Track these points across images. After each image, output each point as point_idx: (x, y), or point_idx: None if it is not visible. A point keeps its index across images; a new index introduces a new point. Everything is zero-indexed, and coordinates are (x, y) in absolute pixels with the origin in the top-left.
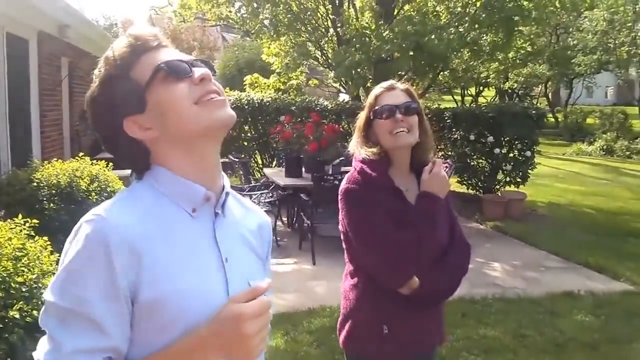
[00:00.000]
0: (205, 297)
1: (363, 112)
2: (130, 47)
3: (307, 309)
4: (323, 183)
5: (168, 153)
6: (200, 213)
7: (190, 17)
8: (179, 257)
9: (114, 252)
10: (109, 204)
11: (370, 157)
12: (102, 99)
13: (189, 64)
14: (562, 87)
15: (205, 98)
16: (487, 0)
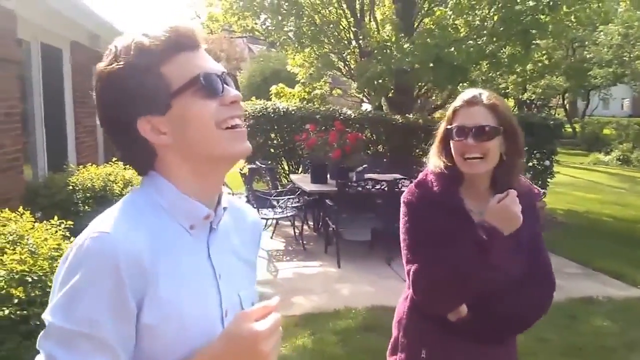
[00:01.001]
0: (203, 317)
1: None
2: (169, 41)
3: (333, 310)
4: (347, 189)
5: (176, 165)
6: (198, 230)
7: (218, 29)
8: (178, 277)
9: (124, 270)
10: (111, 217)
11: (437, 171)
12: (122, 87)
13: (222, 79)
14: (579, 99)
15: (229, 123)
16: (504, 14)
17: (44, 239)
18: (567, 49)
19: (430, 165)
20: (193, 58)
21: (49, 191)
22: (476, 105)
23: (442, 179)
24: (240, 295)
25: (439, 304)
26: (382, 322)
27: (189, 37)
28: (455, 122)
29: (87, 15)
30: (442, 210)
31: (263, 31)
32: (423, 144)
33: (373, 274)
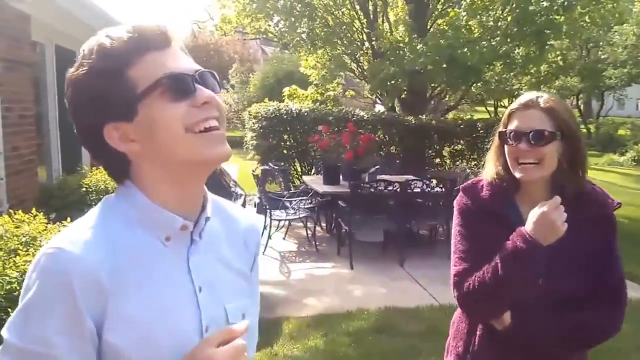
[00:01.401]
0: (175, 334)
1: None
2: (133, 42)
3: (345, 311)
4: (359, 190)
5: (148, 174)
6: (175, 241)
7: (231, 31)
8: (147, 293)
9: (78, 288)
10: (72, 231)
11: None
12: (87, 93)
13: (194, 79)
14: (594, 99)
15: (202, 126)
16: (518, 14)
17: None
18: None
19: (484, 172)
20: (160, 58)
21: (62, 192)
22: (532, 108)
23: (493, 185)
24: (227, 309)
25: (476, 310)
26: (394, 324)
27: (155, 35)
28: (510, 126)
29: (100, 17)
30: (490, 216)
31: (276, 33)
32: (436, 145)
33: (385, 275)
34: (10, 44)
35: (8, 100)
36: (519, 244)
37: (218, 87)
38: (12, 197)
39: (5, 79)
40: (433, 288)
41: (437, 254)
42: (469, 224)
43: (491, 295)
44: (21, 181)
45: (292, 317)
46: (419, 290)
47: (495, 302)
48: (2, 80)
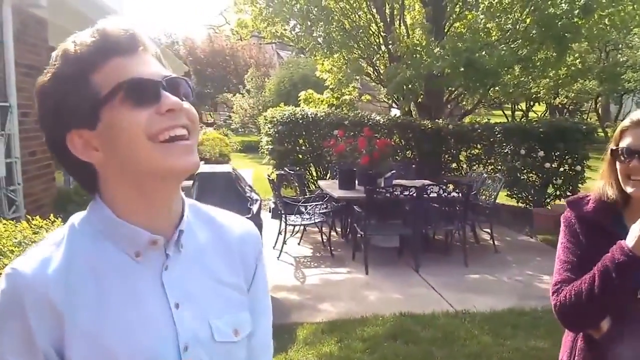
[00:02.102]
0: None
1: (610, 143)
2: (95, 46)
3: (360, 317)
4: (375, 195)
5: (114, 185)
6: (147, 256)
7: (247, 35)
8: (114, 312)
9: (30, 311)
10: (33, 251)
11: (596, 194)
12: (50, 99)
13: (161, 85)
14: (612, 103)
15: (166, 135)
16: (538, 17)
17: None
18: (600, 52)
19: (594, 187)
20: (124, 63)
21: (79, 197)
22: None
23: (601, 200)
24: (212, 325)
25: (571, 319)
26: (409, 330)
27: (122, 40)
28: (622, 143)
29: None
30: (595, 230)
31: (292, 37)
32: (452, 150)
33: (401, 281)
34: (27, 49)
35: (25, 105)
36: (617, 255)
37: (191, 94)
38: (29, 202)
39: (22, 85)
40: (449, 294)
41: (453, 260)
42: (573, 237)
43: (586, 305)
44: (38, 186)
45: (307, 323)
46: (435, 296)
47: (590, 311)
48: (19, 86)
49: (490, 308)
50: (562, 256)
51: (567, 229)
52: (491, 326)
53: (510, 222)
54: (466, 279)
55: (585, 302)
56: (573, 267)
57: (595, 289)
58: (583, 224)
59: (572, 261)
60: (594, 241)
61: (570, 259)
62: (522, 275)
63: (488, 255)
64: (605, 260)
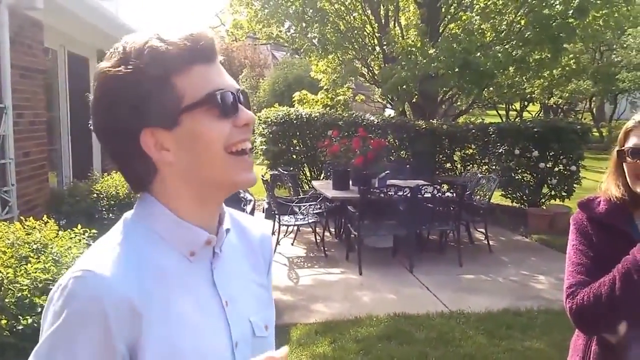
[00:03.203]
0: (209, 352)
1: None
2: (186, 50)
3: (354, 317)
4: (369, 196)
5: (175, 186)
6: (199, 255)
7: (242, 36)
8: (179, 310)
9: (111, 315)
10: (98, 253)
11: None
12: (131, 94)
13: (237, 98)
14: (607, 103)
15: (239, 147)
16: (533, 18)
17: (67, 247)
18: (595, 52)
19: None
20: (209, 71)
21: (73, 199)
22: None
23: (611, 201)
24: (252, 321)
25: (589, 322)
26: (404, 331)
27: (208, 47)
28: (628, 144)
29: (112, 23)
30: (607, 231)
31: (287, 38)
32: (446, 150)
33: (395, 282)
34: (23, 51)
35: (20, 106)
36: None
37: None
38: (23, 203)
39: (17, 86)
40: (443, 294)
41: (448, 260)
42: (585, 238)
43: (606, 307)
44: (32, 187)
45: (300, 324)
46: (429, 297)
47: (610, 314)
48: (14, 87)
49: (485, 308)
50: (574, 258)
51: (578, 231)
52: (486, 327)
53: (504, 222)
54: (461, 279)
55: (605, 304)
56: (587, 269)
57: (616, 291)
58: (595, 225)
59: (586, 263)
60: (607, 242)
61: (584, 261)
62: (517, 275)
63: (482, 255)
64: (626, 262)
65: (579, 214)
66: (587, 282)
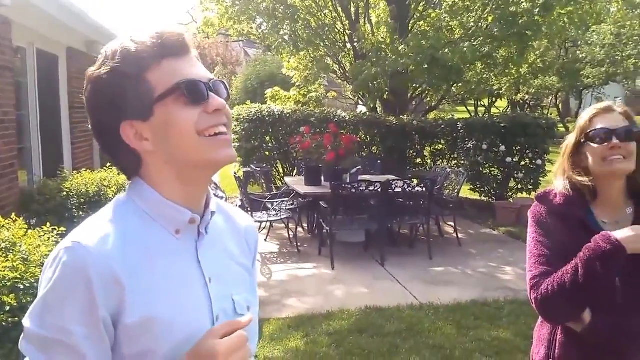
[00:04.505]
0: (189, 322)
1: (571, 135)
2: (153, 47)
3: (326, 311)
4: (341, 191)
5: (159, 171)
6: (184, 234)
7: (214, 33)
8: (161, 283)
9: (95, 282)
10: (89, 227)
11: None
12: (108, 92)
13: (207, 87)
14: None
15: (212, 131)
16: (499, 15)
17: (36, 245)
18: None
19: (555, 183)
20: (178, 64)
21: (42, 197)
22: (613, 112)
23: (567, 193)
24: (234, 299)
25: (555, 311)
26: (375, 323)
27: (176, 43)
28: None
29: (82, 21)
30: (566, 222)
31: (259, 35)
32: (417, 145)
33: (367, 275)
34: None
35: None
36: (602, 245)
37: (227, 95)
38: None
39: None
40: (414, 287)
41: (418, 254)
42: (545, 230)
43: (570, 296)
44: (1, 186)
45: (274, 318)
46: (400, 290)
47: (574, 302)
48: None
49: (454, 300)
50: (535, 250)
51: (537, 223)
52: (455, 317)
53: (473, 215)
54: (431, 272)
55: (569, 292)
56: (548, 260)
57: (579, 279)
58: (554, 217)
59: (546, 254)
60: (566, 233)
61: (544, 252)
62: (485, 267)
63: (452, 248)
64: (588, 250)
65: (537, 206)
66: (550, 272)
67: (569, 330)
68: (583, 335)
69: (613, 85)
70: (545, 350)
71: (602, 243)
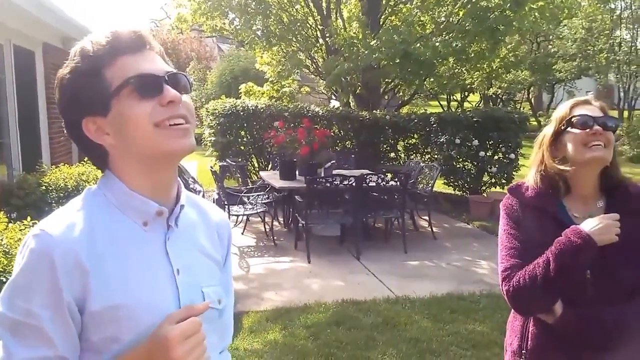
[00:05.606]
0: (155, 310)
1: (548, 127)
2: (108, 45)
3: (303, 304)
4: (315, 185)
5: (123, 163)
6: (153, 226)
7: (187, 29)
8: (127, 272)
9: (58, 267)
10: (58, 216)
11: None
12: (69, 90)
13: (164, 79)
14: (544, 92)
15: (166, 123)
16: (470, 10)
17: (17, 239)
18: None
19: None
20: (132, 60)
21: (22, 192)
22: (591, 104)
23: (539, 186)
24: (204, 291)
25: (526, 303)
26: (352, 316)
27: (130, 40)
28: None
29: (58, 17)
30: (538, 214)
31: (231, 30)
32: (390, 140)
33: (343, 269)
34: None
35: None
36: (573, 238)
37: (189, 87)
38: None
39: None
40: (389, 280)
41: (393, 247)
42: (516, 223)
43: (541, 288)
44: None
45: (252, 311)
46: (376, 283)
47: (545, 294)
48: None
49: (429, 293)
50: (507, 242)
51: (509, 216)
52: (431, 311)
53: (447, 209)
54: (406, 266)
55: (540, 285)
56: (520, 253)
57: (550, 272)
58: (526, 209)
59: (518, 247)
60: (537, 226)
61: (516, 244)
62: (460, 260)
63: (427, 241)
64: (559, 243)
65: (509, 199)
66: (521, 264)
67: (541, 322)
68: (555, 327)
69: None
70: (518, 341)
71: (572, 237)
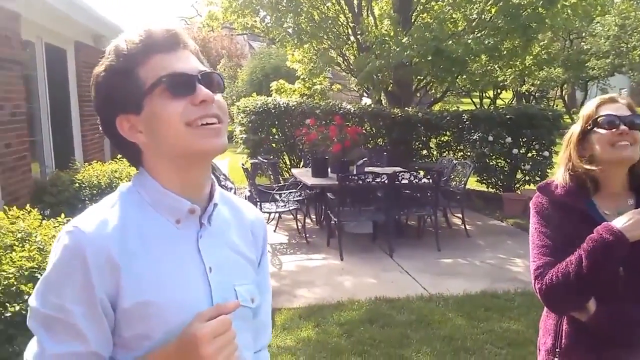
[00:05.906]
0: (187, 308)
1: (575, 125)
2: (141, 44)
3: (336, 302)
4: (348, 182)
5: (156, 162)
6: (185, 224)
7: (218, 27)
8: (159, 269)
9: (91, 264)
10: (91, 213)
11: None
12: (103, 88)
13: (197, 79)
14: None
15: (199, 122)
16: (503, 6)
17: (51, 236)
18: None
19: (557, 174)
20: (166, 59)
21: (55, 189)
22: (617, 102)
23: (569, 184)
24: (237, 290)
25: (559, 301)
26: (385, 314)
27: (163, 39)
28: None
29: (89, 15)
30: (568, 212)
31: (262, 28)
32: (422, 137)
33: (375, 266)
34: (2, 43)
35: (0, 98)
36: (605, 235)
37: (223, 86)
38: (7, 193)
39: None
40: (422, 278)
41: (426, 245)
42: (547, 221)
43: (574, 286)
44: (15, 177)
45: (285, 308)
46: (409, 281)
47: (578, 292)
48: None
49: (463, 291)
50: (538, 241)
51: (539, 214)
52: (465, 309)
53: (481, 207)
54: (439, 263)
55: (573, 282)
56: (552, 251)
57: (583, 269)
58: (556, 207)
59: (549, 245)
60: (568, 223)
61: (547, 242)
62: (494, 258)
63: (460, 239)
64: (591, 240)
65: (539, 197)
66: (553, 262)
67: (575, 320)
68: (588, 325)
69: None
70: (551, 340)
71: (604, 234)
